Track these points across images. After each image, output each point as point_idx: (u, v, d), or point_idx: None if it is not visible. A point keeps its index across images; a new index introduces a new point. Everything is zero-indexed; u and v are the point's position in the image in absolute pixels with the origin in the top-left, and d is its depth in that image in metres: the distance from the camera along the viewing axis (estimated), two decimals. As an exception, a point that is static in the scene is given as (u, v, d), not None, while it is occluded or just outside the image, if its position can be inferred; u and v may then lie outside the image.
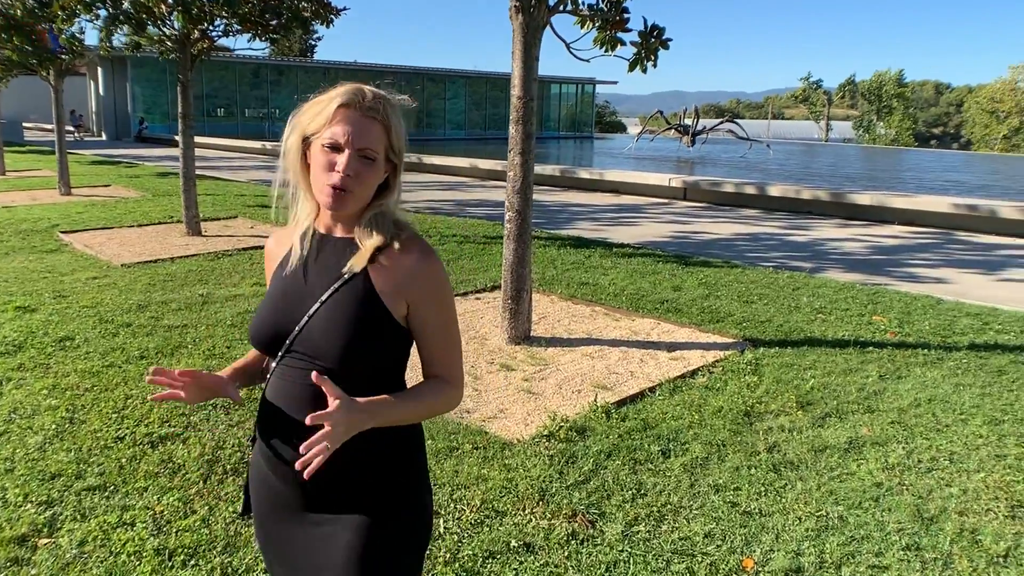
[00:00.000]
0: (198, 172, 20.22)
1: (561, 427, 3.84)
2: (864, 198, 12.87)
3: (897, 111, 65.48)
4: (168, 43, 9.58)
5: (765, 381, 4.52)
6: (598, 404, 4.12)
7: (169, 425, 3.97)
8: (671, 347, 5.31)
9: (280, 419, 1.48)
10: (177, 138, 8.99)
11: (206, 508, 3.15)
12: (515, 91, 5.12)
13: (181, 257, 8.35)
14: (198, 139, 30.65)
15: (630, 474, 3.39)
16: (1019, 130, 63.82)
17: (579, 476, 3.37)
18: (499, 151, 27.74)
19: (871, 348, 5.19)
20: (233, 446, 3.71)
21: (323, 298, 1.45)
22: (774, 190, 14.25)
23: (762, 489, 3.26)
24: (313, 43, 63.10)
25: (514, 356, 5.12)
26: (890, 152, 45.62)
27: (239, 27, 9.63)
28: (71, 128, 36.40)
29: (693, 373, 4.73)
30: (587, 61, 5.81)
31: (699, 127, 33.69)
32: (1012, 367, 4.83)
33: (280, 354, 1.48)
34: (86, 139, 35.59)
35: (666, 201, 15.11)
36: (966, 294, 7.27)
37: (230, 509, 3.14)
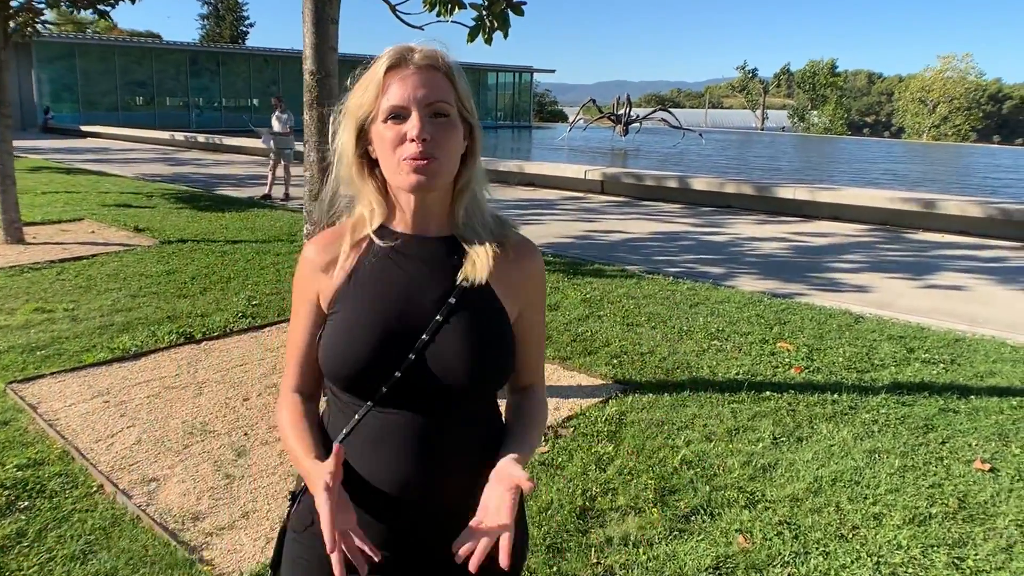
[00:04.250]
0: (85, 166, 18.60)
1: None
2: (788, 191, 11.97)
3: (831, 100, 65.93)
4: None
5: (622, 452, 3.37)
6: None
7: None
8: (521, 395, 4.14)
9: (397, 467, 1.20)
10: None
11: None
12: (307, 65, 3.86)
13: (-24, 273, 6.88)
14: (103, 129, 29.05)
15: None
16: (947, 119, 64.93)
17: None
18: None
19: (769, 393, 4.09)
20: None
21: (445, 312, 1.21)
22: (697, 183, 13.26)
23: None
24: (245, 30, 61.14)
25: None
26: (822, 141, 45.62)
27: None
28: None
29: (534, 438, 3.56)
30: (420, 28, 4.61)
31: (631, 116, 32.82)
32: (940, 419, 3.79)
33: (385, 389, 1.19)
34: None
35: (582, 195, 14.04)
36: (891, 305, 6.30)
37: None
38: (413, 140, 1.14)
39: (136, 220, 9.68)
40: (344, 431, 1.22)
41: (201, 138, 24.54)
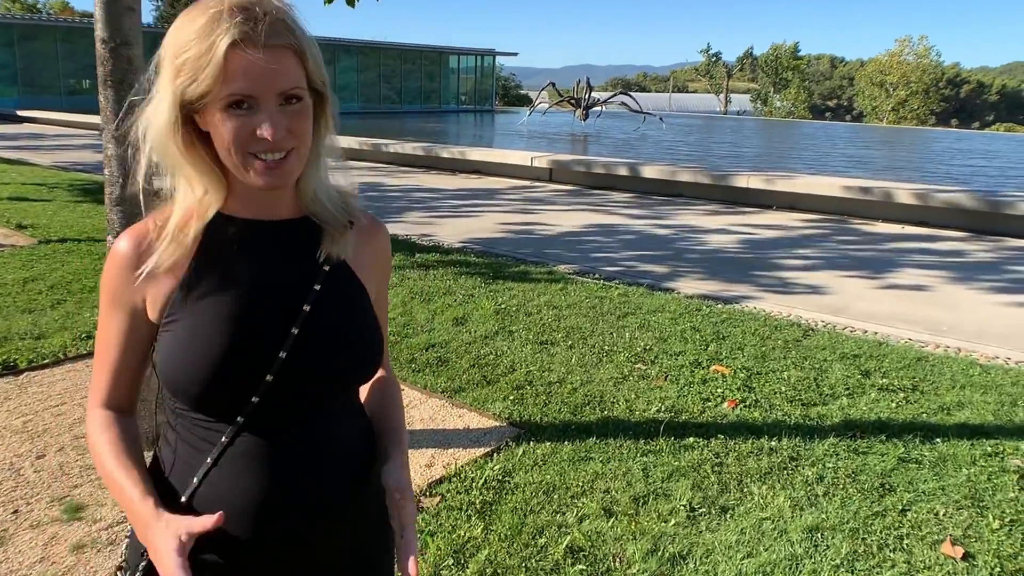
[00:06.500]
0: (3, 154, 17.28)
1: None
2: (743, 180, 11.29)
3: (793, 84, 65.81)
4: None
5: (494, 537, 2.59)
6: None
7: None
8: (390, 444, 3.34)
9: (284, 488, 1.06)
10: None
11: None
12: (98, 30, 2.99)
13: None
14: (41, 114, 27.54)
15: None
16: (906, 102, 65.19)
17: None
18: (383, 126, 25.05)
19: (693, 439, 3.34)
20: None
21: (312, 301, 1.07)
22: (649, 171, 12.52)
23: None
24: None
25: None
26: (783, 125, 45.33)
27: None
28: None
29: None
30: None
31: (592, 100, 32.01)
32: (900, 474, 3.06)
33: (257, 399, 1.02)
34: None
35: (529, 184, 13.23)
36: (846, 309, 5.62)
37: None
38: (267, 137, 0.96)
39: (23, 216, 8.67)
40: (209, 460, 1.04)
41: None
